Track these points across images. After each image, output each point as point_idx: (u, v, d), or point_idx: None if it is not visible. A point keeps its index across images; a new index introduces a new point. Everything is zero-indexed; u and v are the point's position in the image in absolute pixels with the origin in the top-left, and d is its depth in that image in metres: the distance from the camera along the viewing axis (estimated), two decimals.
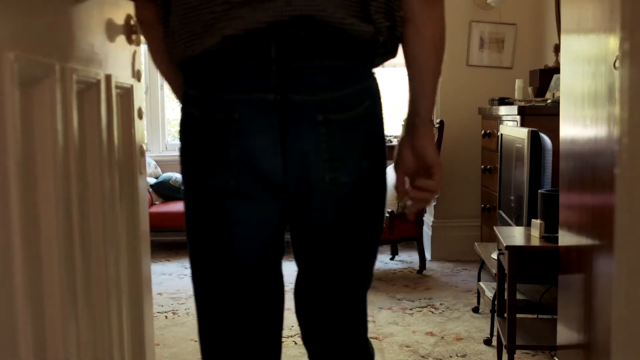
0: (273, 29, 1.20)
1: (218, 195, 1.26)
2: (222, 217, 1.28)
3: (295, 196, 1.26)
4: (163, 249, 5.44)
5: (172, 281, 4.44)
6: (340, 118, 1.27)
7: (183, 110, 1.29)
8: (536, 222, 2.62)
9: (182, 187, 1.34)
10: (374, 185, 1.35)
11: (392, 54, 1.43)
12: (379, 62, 1.39)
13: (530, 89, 4.29)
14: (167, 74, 1.37)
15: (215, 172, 1.25)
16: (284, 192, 1.25)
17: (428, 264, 4.74)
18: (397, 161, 1.44)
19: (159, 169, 5.77)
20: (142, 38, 1.42)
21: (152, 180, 5.52)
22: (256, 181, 1.24)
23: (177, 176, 5.59)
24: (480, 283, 3.47)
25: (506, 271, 2.56)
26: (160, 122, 6.03)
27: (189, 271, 4.80)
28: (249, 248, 1.30)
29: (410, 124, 1.45)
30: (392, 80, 6.22)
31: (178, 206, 5.31)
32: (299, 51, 1.23)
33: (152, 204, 5.40)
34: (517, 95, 4.28)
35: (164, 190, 5.52)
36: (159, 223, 5.07)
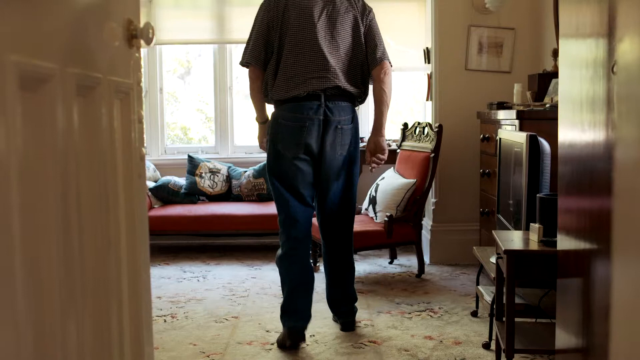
0: (324, 89, 3.15)
1: (292, 159, 3.16)
2: (292, 168, 3.17)
3: (325, 160, 3.20)
4: (162, 253, 5.45)
5: (170, 285, 4.44)
6: (345, 127, 3.23)
7: (276, 120, 3.19)
8: (535, 226, 2.62)
9: (270, 156, 3.23)
10: (354, 156, 3.33)
11: (363, 102, 3.40)
12: (358, 105, 3.37)
13: (528, 94, 4.30)
14: (260, 103, 3.35)
15: (292, 149, 3.14)
16: (318, 159, 3.19)
17: (427, 268, 4.75)
18: (367, 147, 3.43)
19: (157, 173, 5.77)
20: (142, 43, 1.46)
21: (150, 184, 5.52)
22: (309, 154, 3.17)
23: (175, 180, 5.60)
24: (479, 287, 3.48)
25: (505, 275, 2.56)
26: (159, 125, 6.04)
27: (187, 275, 4.84)
28: (302, 181, 3.21)
29: (376, 130, 3.41)
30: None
31: (177, 210, 5.31)
32: (331, 98, 3.18)
33: (150, 207, 5.40)
34: (515, 99, 4.29)
35: (162, 194, 5.52)
36: (157, 227, 5.08)
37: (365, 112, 6.05)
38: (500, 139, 3.60)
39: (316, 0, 3.18)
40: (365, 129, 6.01)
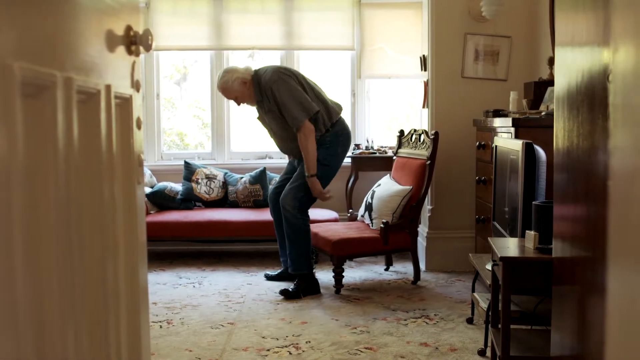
0: None
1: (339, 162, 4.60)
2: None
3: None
4: (157, 259, 5.44)
5: (166, 290, 4.44)
6: None
7: (343, 134, 4.53)
8: (530, 234, 2.63)
9: (333, 162, 4.51)
10: None
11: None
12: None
13: (524, 101, 4.32)
14: (315, 148, 4.34)
15: (341, 157, 4.59)
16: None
17: (422, 275, 4.75)
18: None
19: (154, 179, 5.76)
20: (141, 49, 1.47)
21: (147, 190, 5.52)
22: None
23: (172, 186, 5.59)
24: (475, 294, 3.48)
25: (500, 282, 2.57)
26: (156, 131, 6.04)
27: (183, 281, 4.84)
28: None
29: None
30: (387, 91, 6.24)
31: (173, 216, 5.30)
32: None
33: (147, 213, 5.39)
34: (511, 107, 4.31)
35: (159, 200, 5.51)
36: (154, 232, 5.07)
37: (362, 116, 6.06)
38: (496, 146, 3.61)
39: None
40: (361, 136, 6.02)
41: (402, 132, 5.10)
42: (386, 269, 5.02)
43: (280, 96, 4.26)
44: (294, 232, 4.35)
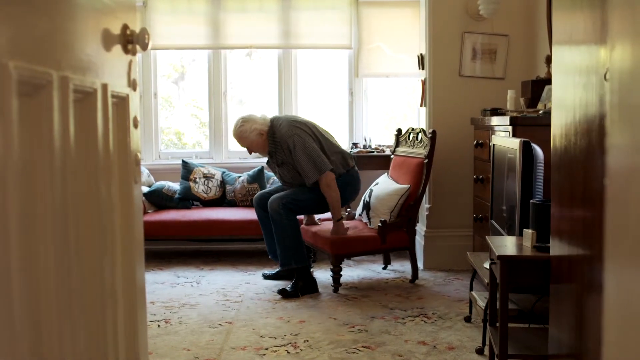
0: None
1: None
2: None
3: None
4: (155, 258, 5.43)
5: (164, 290, 4.43)
6: None
7: (346, 174, 4.56)
8: (528, 232, 2.63)
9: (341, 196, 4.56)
10: None
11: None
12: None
13: (522, 100, 4.32)
14: (338, 195, 4.43)
15: (346, 200, 4.69)
16: None
17: (420, 274, 4.75)
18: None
19: (151, 178, 5.76)
20: (138, 48, 1.47)
21: (145, 189, 5.51)
22: None
23: (169, 185, 5.59)
24: (472, 292, 3.48)
25: (498, 280, 2.57)
26: (154, 130, 6.03)
27: (181, 280, 4.83)
28: None
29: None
30: (385, 90, 6.24)
31: (171, 215, 5.30)
32: None
33: (144, 212, 5.38)
34: (509, 105, 4.31)
35: (156, 199, 5.51)
36: (151, 232, 5.07)
37: (360, 114, 6.06)
38: (493, 145, 3.62)
39: None
40: (359, 135, 6.02)
41: (399, 130, 5.10)
42: (384, 268, 5.02)
43: (295, 153, 4.35)
44: (278, 229, 4.39)
